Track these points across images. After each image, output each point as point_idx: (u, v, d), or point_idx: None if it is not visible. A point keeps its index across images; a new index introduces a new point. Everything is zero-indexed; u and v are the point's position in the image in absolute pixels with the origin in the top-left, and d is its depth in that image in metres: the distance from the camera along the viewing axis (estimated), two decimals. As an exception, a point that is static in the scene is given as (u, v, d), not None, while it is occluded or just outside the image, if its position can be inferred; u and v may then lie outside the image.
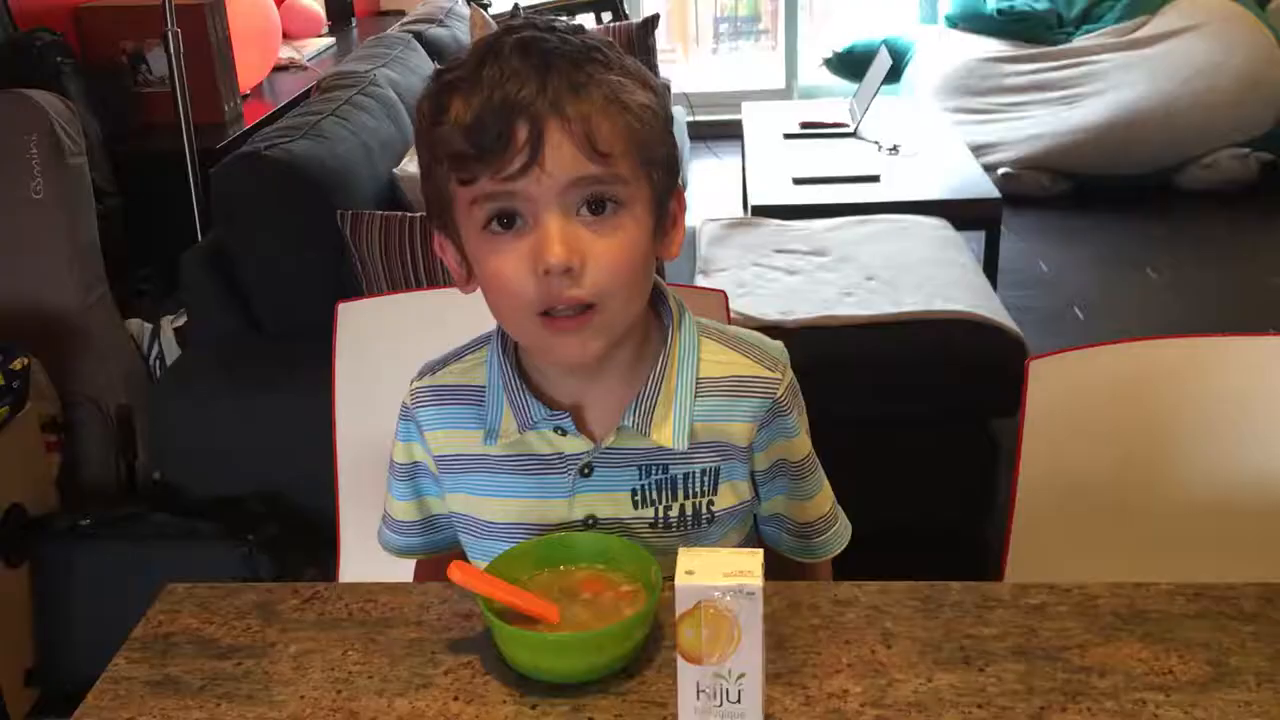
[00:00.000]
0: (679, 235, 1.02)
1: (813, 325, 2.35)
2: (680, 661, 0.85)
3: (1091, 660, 0.93)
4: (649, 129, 0.94)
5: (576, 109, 0.90)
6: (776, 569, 1.17)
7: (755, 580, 0.83)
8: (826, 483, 1.13)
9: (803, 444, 1.09)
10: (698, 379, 1.03)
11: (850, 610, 1.00)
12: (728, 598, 0.82)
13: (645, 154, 0.94)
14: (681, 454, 1.02)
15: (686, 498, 1.04)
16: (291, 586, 1.07)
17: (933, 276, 2.60)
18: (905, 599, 1.01)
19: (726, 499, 1.05)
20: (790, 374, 1.07)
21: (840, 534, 1.15)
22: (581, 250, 0.92)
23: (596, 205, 0.93)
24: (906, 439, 2.30)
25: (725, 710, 0.85)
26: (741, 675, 0.84)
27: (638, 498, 1.03)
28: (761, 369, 1.05)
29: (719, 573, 0.83)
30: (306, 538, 2.15)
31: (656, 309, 1.05)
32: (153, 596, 1.07)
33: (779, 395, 1.05)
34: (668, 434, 1.01)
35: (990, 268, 3.27)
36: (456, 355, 1.09)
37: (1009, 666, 0.93)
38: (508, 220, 0.93)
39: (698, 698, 0.85)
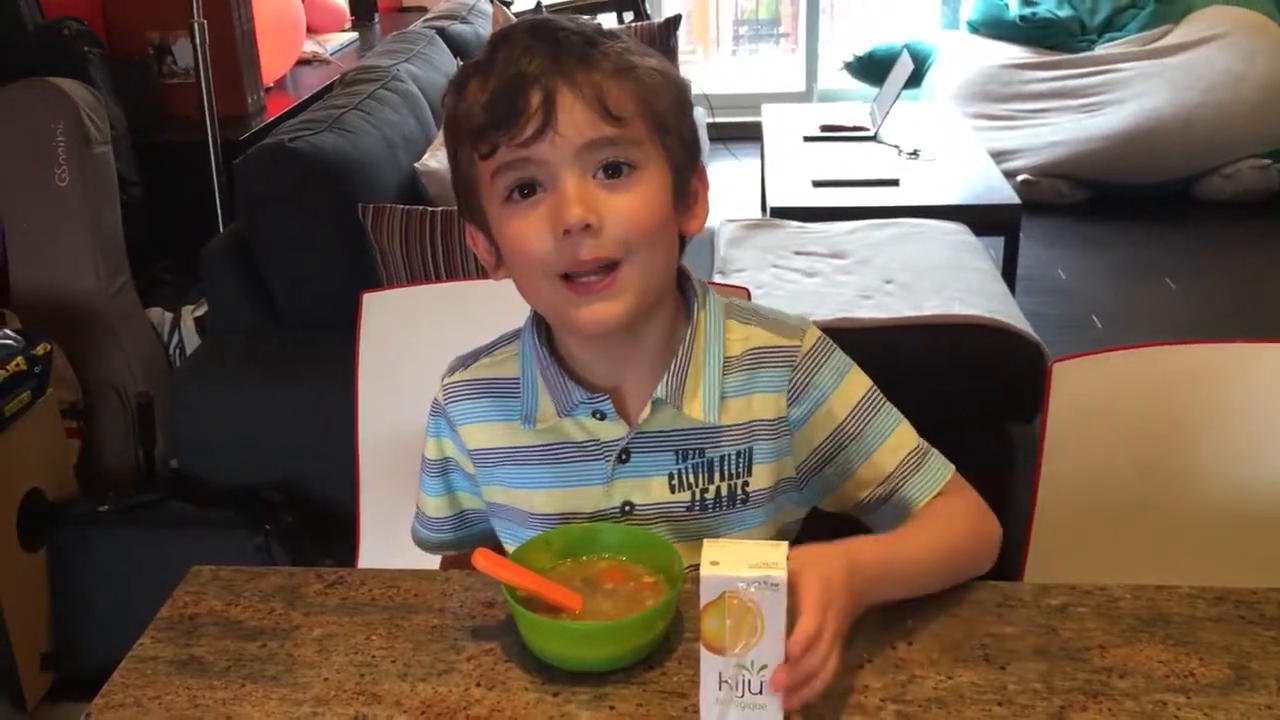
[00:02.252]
0: (702, 210, 1.03)
1: (830, 327, 2.33)
2: (703, 652, 0.85)
3: (1112, 661, 0.93)
4: (660, 95, 0.96)
5: (587, 76, 0.93)
6: None
7: (779, 572, 0.83)
8: (904, 422, 1.07)
9: (846, 394, 1.05)
10: (725, 357, 1.03)
11: (872, 607, 0.99)
12: (752, 589, 0.83)
13: (658, 119, 0.96)
14: (715, 435, 1.03)
15: (723, 479, 1.04)
16: (315, 571, 1.07)
17: (951, 281, 2.60)
18: (927, 597, 1.01)
19: (761, 480, 1.05)
20: (812, 339, 1.05)
21: (937, 465, 1.07)
22: (599, 209, 0.93)
23: (612, 169, 0.94)
24: (923, 442, 2.30)
25: (746, 701, 0.85)
26: (764, 667, 0.84)
27: (674, 481, 1.04)
28: (779, 338, 1.05)
29: (744, 564, 0.84)
30: (323, 528, 2.16)
31: (684, 293, 1.06)
32: (177, 580, 1.08)
33: (798, 362, 1.04)
34: (699, 406, 1.02)
35: (1009, 274, 3.27)
36: (487, 349, 1.10)
37: (1030, 665, 0.93)
38: (528, 190, 0.95)
39: (719, 688, 0.86)
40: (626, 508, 1.05)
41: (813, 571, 0.87)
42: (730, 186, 4.80)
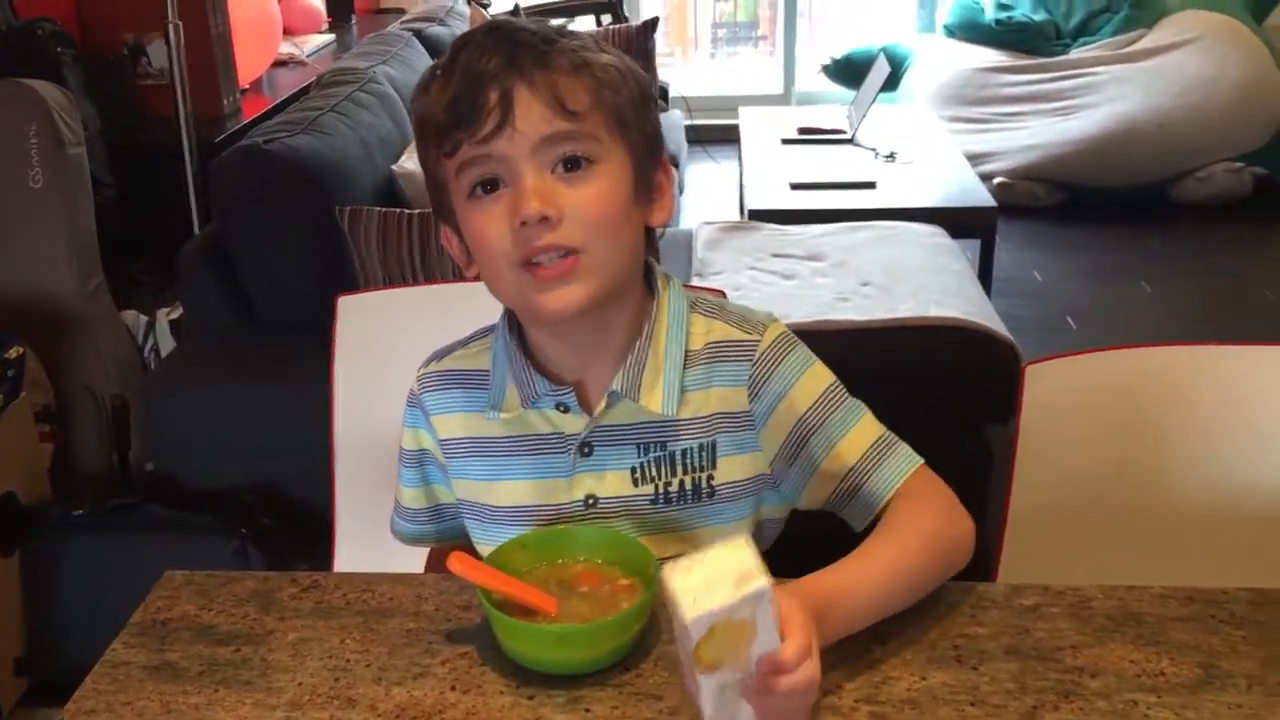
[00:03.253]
0: (666, 202, 1.04)
1: (808, 330, 2.34)
2: (702, 677, 0.81)
3: (1084, 661, 0.94)
4: (618, 90, 0.98)
5: (543, 75, 0.95)
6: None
7: (761, 581, 0.79)
8: (868, 415, 1.06)
9: (807, 388, 1.04)
10: (687, 351, 1.04)
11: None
12: (744, 609, 0.79)
13: (616, 113, 0.98)
14: (676, 429, 1.03)
15: (686, 473, 1.04)
16: (290, 575, 1.07)
17: (927, 283, 2.61)
18: (899, 597, 1.01)
19: (726, 474, 1.05)
20: (773, 334, 1.05)
21: (902, 456, 1.04)
22: (557, 202, 0.95)
23: (571, 163, 0.96)
24: (899, 444, 2.31)
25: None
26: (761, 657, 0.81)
27: (637, 475, 1.04)
28: (739, 333, 1.05)
29: (721, 587, 0.79)
30: (299, 532, 2.15)
31: (651, 287, 1.06)
32: (152, 584, 1.07)
33: (757, 357, 1.04)
34: (657, 399, 1.02)
35: (984, 276, 3.28)
36: (462, 343, 1.12)
37: (1002, 666, 0.93)
38: (490, 185, 0.97)
39: (722, 695, 0.82)
40: (590, 501, 1.05)
41: (793, 596, 0.85)
42: (708, 189, 4.81)
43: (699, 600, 0.78)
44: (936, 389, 2.32)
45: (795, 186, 3.45)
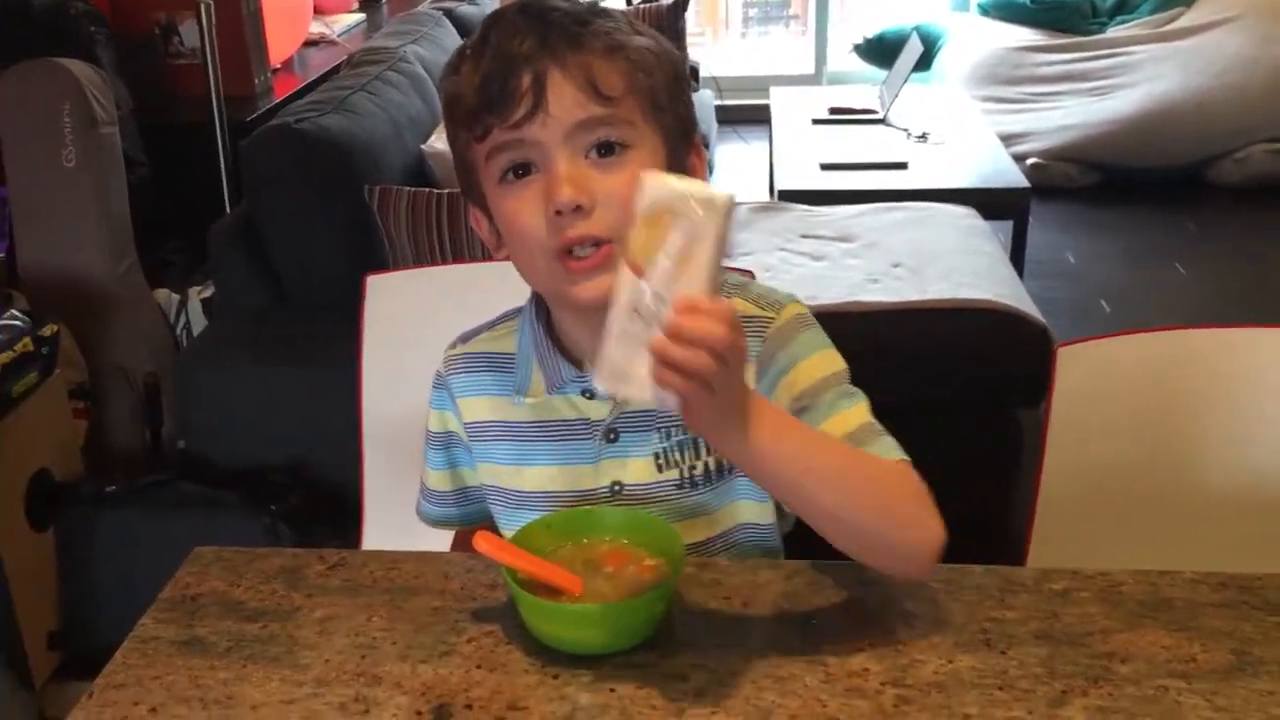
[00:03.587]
0: None
1: (838, 311, 2.34)
2: (624, 269, 0.81)
3: (1114, 646, 0.93)
4: (652, 73, 0.97)
5: (577, 58, 0.93)
6: None
7: (723, 202, 0.79)
8: (863, 404, 1.02)
9: (811, 368, 1.01)
10: None
11: (872, 590, 1.00)
12: (694, 208, 0.79)
13: (651, 97, 0.97)
14: None
15: (709, 453, 1.03)
16: (317, 552, 1.08)
17: (959, 265, 2.59)
18: (927, 581, 1.01)
19: None
20: (790, 313, 1.03)
21: (886, 446, 0.99)
22: (590, 189, 0.94)
23: (605, 148, 0.95)
24: (929, 426, 2.27)
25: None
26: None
27: (661, 461, 1.04)
28: (756, 309, 1.03)
29: (689, 186, 0.81)
30: (329, 510, 2.16)
31: None
32: (182, 560, 1.08)
33: (771, 334, 1.02)
34: None
35: (1017, 258, 3.26)
36: (489, 325, 1.12)
37: (1031, 650, 0.92)
38: (522, 170, 0.96)
39: (630, 320, 0.81)
40: (615, 487, 1.05)
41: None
42: (738, 169, 4.79)
43: (667, 181, 0.82)
44: (967, 371, 2.30)
45: (826, 167, 3.43)
